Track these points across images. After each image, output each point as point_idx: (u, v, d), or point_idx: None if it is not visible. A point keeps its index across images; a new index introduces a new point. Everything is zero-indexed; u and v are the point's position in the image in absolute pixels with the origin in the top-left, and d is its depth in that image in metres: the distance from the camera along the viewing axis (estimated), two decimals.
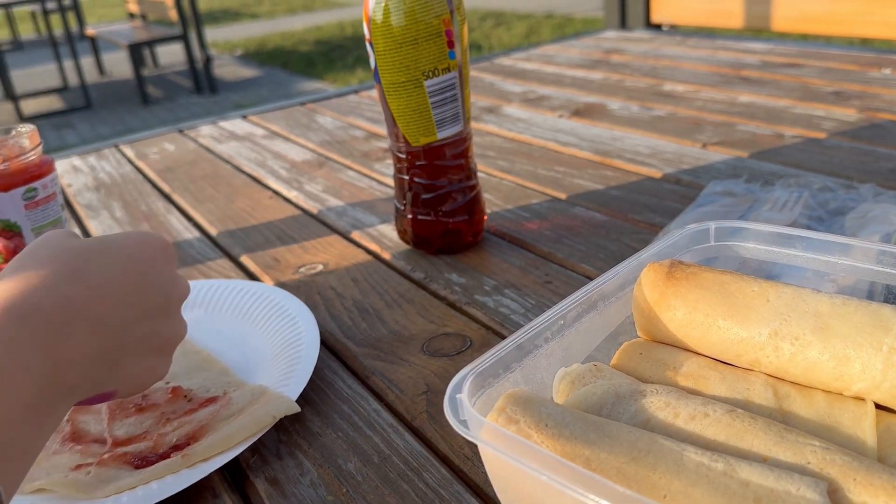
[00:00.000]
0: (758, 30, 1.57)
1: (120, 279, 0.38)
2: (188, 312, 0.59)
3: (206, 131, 1.18)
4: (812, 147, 0.82)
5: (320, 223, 0.77)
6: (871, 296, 0.46)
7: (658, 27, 1.72)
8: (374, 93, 1.30)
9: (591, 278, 0.60)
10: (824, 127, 0.88)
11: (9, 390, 0.32)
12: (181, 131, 1.19)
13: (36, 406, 0.33)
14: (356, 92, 1.32)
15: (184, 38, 5.28)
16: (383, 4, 0.57)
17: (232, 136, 1.13)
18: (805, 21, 1.48)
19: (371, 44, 0.59)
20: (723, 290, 0.36)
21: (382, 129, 1.07)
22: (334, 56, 6.40)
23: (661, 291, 0.37)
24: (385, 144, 1.00)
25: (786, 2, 1.49)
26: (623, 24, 1.75)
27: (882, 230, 0.56)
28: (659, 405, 0.32)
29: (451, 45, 0.59)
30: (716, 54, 1.28)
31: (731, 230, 0.44)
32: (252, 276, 0.67)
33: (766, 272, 0.50)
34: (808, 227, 0.59)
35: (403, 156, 0.63)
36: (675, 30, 1.70)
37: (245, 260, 0.70)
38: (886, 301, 0.45)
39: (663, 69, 1.22)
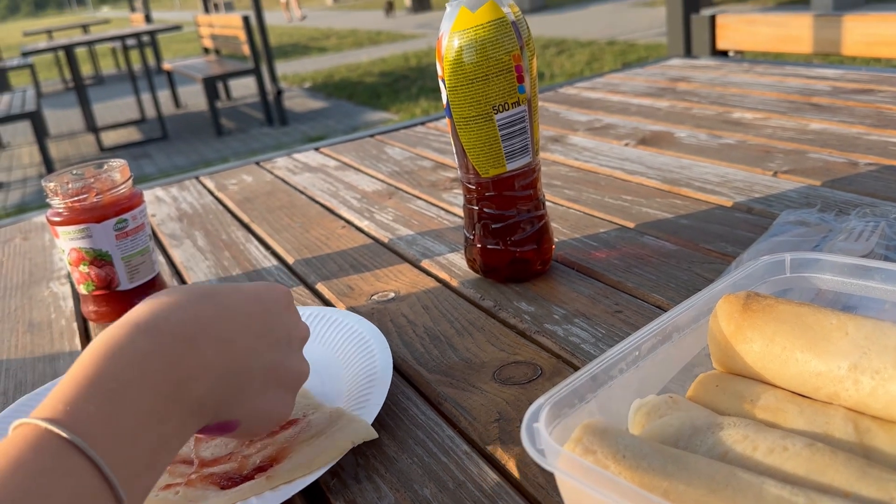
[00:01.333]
0: (826, 54, 1.54)
1: (246, 309, 0.42)
2: None
3: (281, 163, 1.22)
4: (888, 175, 0.80)
5: (391, 252, 0.79)
6: None
7: (724, 54, 1.70)
8: (441, 124, 1.33)
9: (662, 308, 0.60)
10: None
11: (130, 402, 0.33)
12: (258, 163, 1.24)
13: (158, 419, 0.34)
14: (423, 123, 1.35)
15: (256, 71, 5.48)
16: (456, 42, 0.59)
17: (306, 167, 1.17)
18: (876, 45, 1.44)
19: (443, 80, 0.61)
20: (800, 322, 0.36)
21: (449, 160, 1.09)
22: (399, 87, 6.53)
23: (738, 323, 0.38)
24: (452, 174, 1.02)
25: (855, 25, 1.46)
26: (688, 51, 1.74)
27: None
28: (737, 438, 0.33)
29: (520, 79, 0.60)
30: (785, 81, 1.26)
31: (807, 261, 0.43)
32: (327, 304, 0.69)
33: (842, 304, 0.49)
34: (886, 258, 0.58)
35: (473, 187, 0.65)
36: (741, 56, 1.68)
37: (321, 287, 0.73)
38: None
39: (731, 97, 1.21)
